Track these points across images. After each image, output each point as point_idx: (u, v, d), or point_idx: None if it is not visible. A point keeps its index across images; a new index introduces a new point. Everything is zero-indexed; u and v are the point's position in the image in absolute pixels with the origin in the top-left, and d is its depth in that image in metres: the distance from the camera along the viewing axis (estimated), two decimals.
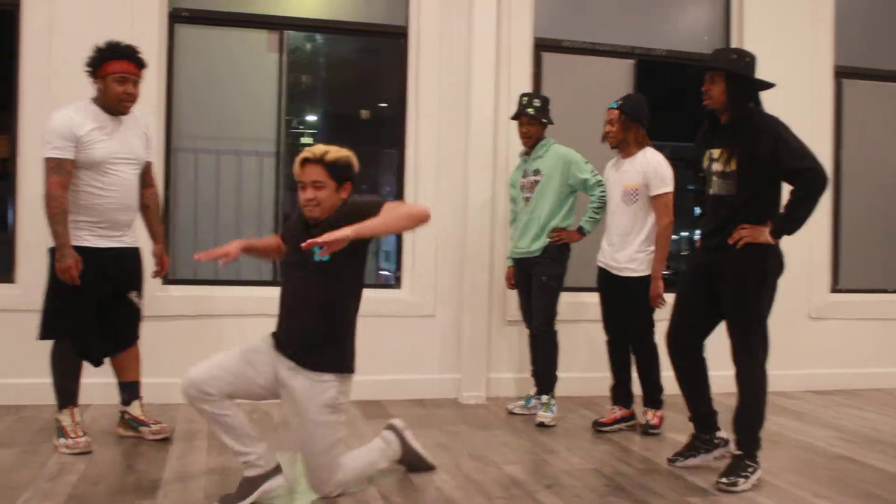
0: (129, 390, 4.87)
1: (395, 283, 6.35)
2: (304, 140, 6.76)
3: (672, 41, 6.82)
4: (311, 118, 6.73)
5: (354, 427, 5.25)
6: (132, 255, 4.74)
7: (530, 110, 5.58)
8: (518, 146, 5.81)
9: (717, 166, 4.27)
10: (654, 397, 5.25)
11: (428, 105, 6.20)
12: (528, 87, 6.28)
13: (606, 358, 5.36)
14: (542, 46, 6.48)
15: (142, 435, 4.81)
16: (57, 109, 4.56)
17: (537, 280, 5.50)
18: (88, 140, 4.45)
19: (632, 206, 5.11)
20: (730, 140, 4.19)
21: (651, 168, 5.07)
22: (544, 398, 5.47)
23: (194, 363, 5.61)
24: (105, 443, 4.69)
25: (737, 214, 4.17)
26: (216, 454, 4.51)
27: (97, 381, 5.12)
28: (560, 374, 5.56)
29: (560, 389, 5.65)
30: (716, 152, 4.28)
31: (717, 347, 4.40)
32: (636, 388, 5.33)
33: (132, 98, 4.57)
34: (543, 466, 4.47)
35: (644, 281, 5.08)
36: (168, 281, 5.94)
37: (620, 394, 5.34)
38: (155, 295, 5.75)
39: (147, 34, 5.72)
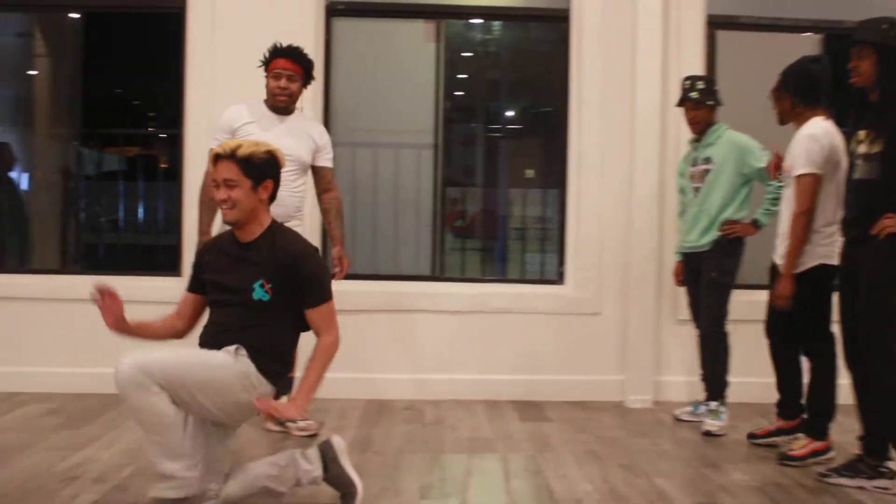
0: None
1: (557, 278, 6.05)
2: (462, 131, 6.55)
3: (863, 12, 6.10)
4: (470, 109, 6.53)
5: (506, 429, 5.01)
6: None
7: (694, 94, 5.15)
8: (689, 132, 5.38)
9: (861, 148, 3.74)
10: (813, 423, 4.45)
11: (591, 92, 5.86)
12: (699, 70, 5.80)
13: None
14: (716, 24, 5.97)
15: (288, 430, 4.77)
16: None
17: (706, 276, 5.06)
18: (242, 134, 4.58)
19: (788, 189, 4.54)
20: (876, 119, 3.66)
21: (795, 144, 4.45)
22: (713, 405, 5.03)
23: (349, 357, 5.67)
24: (248, 438, 4.69)
25: (880, 201, 3.63)
26: (357, 454, 4.40)
27: None
28: (733, 378, 5.09)
29: (734, 395, 5.16)
30: (861, 133, 3.76)
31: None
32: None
33: (285, 92, 4.71)
34: (699, 481, 4.07)
35: (802, 278, 4.40)
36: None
37: (782, 403, 4.72)
38: None
39: (304, 29, 5.72)
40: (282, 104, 4.73)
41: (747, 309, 5.16)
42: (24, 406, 5.31)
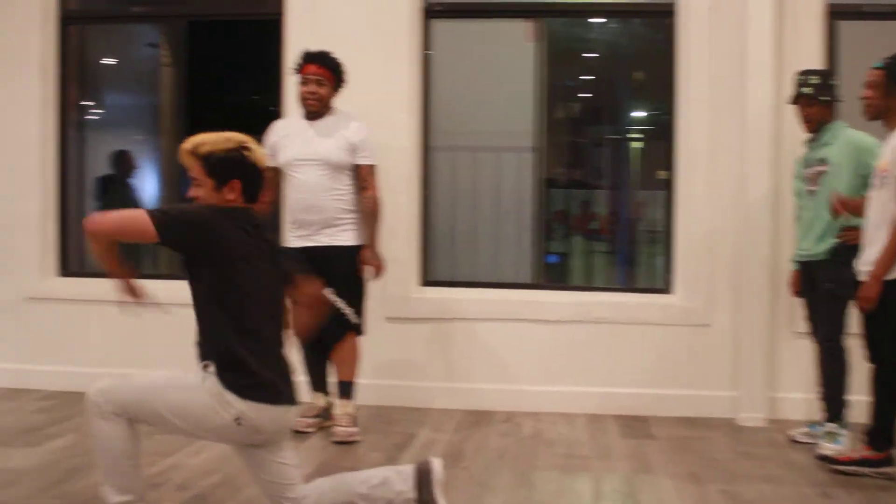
0: (338, 388, 4.87)
1: (664, 287, 5.76)
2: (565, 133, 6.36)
3: None
4: (572, 110, 6.33)
5: (605, 446, 4.78)
6: (326, 253, 4.72)
7: (806, 90, 4.78)
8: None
9: None
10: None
11: (699, 90, 5.54)
12: (817, 63, 5.41)
13: None
14: (837, 13, 5.56)
15: (335, 434, 4.77)
16: None
17: (822, 286, 4.69)
18: (277, 146, 4.76)
19: (880, 191, 4.13)
20: None
21: None
22: (830, 426, 4.65)
23: (447, 366, 5.59)
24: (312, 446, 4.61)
25: None
26: (446, 467, 4.24)
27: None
28: (855, 397, 4.68)
29: (857, 416, 4.74)
30: None
31: None
32: None
33: (314, 97, 4.77)
34: None
35: (891, 286, 4.03)
36: (425, 283, 5.80)
37: (871, 431, 4.29)
38: (411, 297, 5.66)
39: (401, 31, 5.66)
40: (312, 108, 4.78)
41: None
42: None
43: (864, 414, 4.39)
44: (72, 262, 6.17)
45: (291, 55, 5.66)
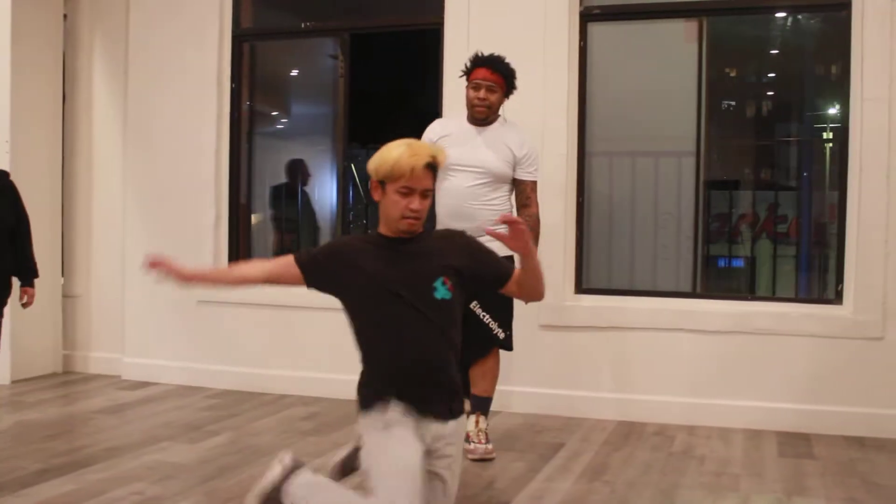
0: (473, 403, 4.63)
1: (834, 297, 5.42)
2: (727, 135, 6.10)
3: None
4: (735, 109, 6.06)
5: (760, 464, 4.57)
6: None
7: None
8: None
9: None
10: None
11: (876, 87, 5.17)
12: None
13: None
14: None
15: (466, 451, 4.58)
16: None
17: None
18: None
19: None
20: None
21: None
22: None
23: (600, 376, 5.50)
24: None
25: None
26: (585, 482, 4.21)
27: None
28: None
29: None
30: None
31: None
32: None
33: (483, 103, 4.58)
34: None
35: None
36: (580, 291, 5.74)
37: None
38: (565, 304, 5.62)
39: (559, 36, 5.63)
40: (480, 115, 4.61)
41: None
42: (289, 409, 5.67)
43: None
44: None
45: (450, 62, 5.76)
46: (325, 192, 7.49)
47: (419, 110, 6.79)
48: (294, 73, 7.92)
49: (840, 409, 5.19)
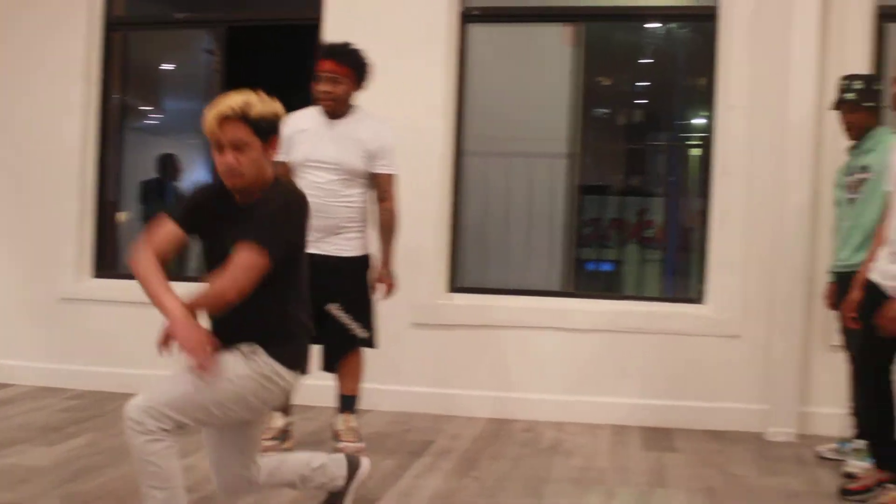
0: (341, 402, 4.62)
1: (697, 297, 5.63)
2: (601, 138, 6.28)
3: None
4: (610, 115, 6.25)
5: (624, 458, 4.70)
6: (332, 264, 4.41)
7: (850, 96, 4.61)
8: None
9: None
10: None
11: (739, 96, 5.41)
12: (865, 68, 5.22)
13: None
14: (888, 16, 5.36)
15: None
16: None
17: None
18: (296, 141, 4.40)
19: None
20: None
21: None
22: (860, 443, 4.49)
23: (471, 374, 5.56)
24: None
25: None
26: (456, 479, 4.23)
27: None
28: None
29: None
30: None
31: None
32: None
33: (328, 96, 4.41)
34: None
35: None
36: (453, 289, 5.79)
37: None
38: (438, 303, 5.65)
39: (439, 35, 5.66)
40: (327, 108, 4.43)
41: None
42: None
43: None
44: (106, 263, 6.32)
45: None
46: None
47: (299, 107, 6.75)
48: (168, 66, 7.73)
49: (701, 404, 5.41)
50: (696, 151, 6.26)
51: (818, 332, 5.26)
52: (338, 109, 4.47)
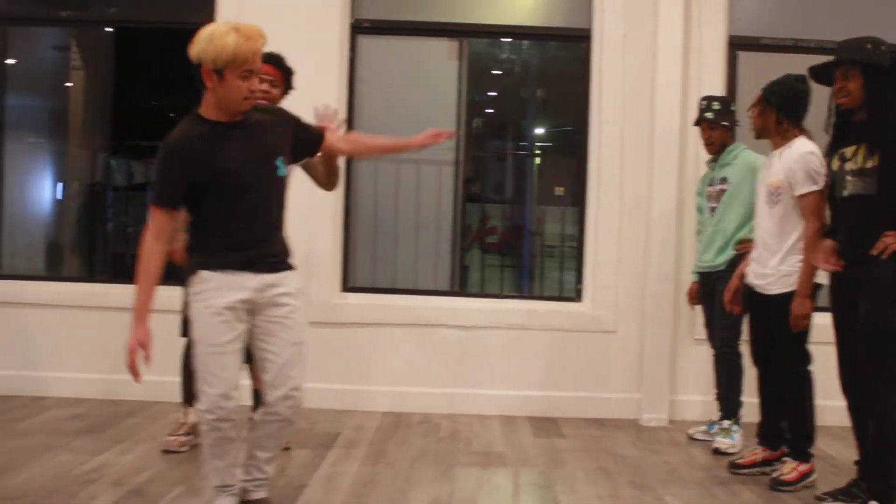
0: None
1: (575, 296, 6.09)
2: (484, 148, 6.64)
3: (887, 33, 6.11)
4: (492, 126, 6.63)
5: (519, 444, 5.06)
6: None
7: (709, 114, 5.18)
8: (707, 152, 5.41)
9: (850, 165, 3.78)
10: (797, 446, 4.39)
11: (611, 111, 5.90)
12: (721, 90, 5.83)
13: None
14: (738, 45, 6.00)
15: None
16: None
17: (721, 296, 5.06)
18: None
19: (773, 207, 4.42)
20: (869, 135, 3.70)
21: (793, 161, 4.30)
22: (725, 423, 5.04)
23: (367, 370, 5.79)
24: None
25: (879, 217, 3.69)
26: (369, 465, 4.47)
27: None
28: (748, 399, 5.08)
29: (750, 416, 5.13)
30: (849, 151, 3.81)
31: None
32: None
33: (267, 96, 4.54)
34: (708, 500, 4.08)
35: (788, 298, 4.29)
36: (347, 289, 6.00)
37: (766, 433, 4.63)
38: (333, 302, 5.84)
39: (329, 46, 5.86)
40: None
41: None
42: (49, 410, 5.43)
43: (755, 414, 4.81)
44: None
45: None
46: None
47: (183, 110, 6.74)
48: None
49: (581, 394, 5.85)
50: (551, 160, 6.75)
51: (684, 326, 5.81)
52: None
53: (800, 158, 4.28)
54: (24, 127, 6.82)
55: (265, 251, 3.31)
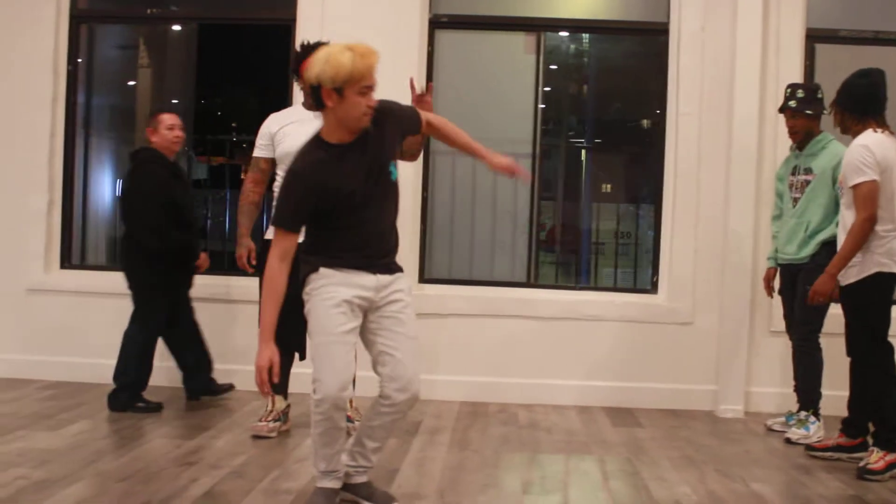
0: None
1: (651, 287, 6.13)
2: (559, 142, 6.69)
3: None
4: (568, 120, 6.68)
5: (599, 433, 5.12)
6: None
7: (792, 102, 5.17)
8: (787, 142, 5.40)
9: None
10: (883, 435, 4.38)
11: (689, 103, 5.92)
12: (798, 80, 5.82)
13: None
14: (816, 37, 5.99)
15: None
16: None
17: (802, 289, 5.04)
18: (283, 133, 4.68)
19: (843, 200, 4.54)
20: None
21: (847, 154, 4.48)
22: (803, 414, 5.05)
23: (444, 360, 5.88)
24: None
25: None
26: (456, 452, 4.56)
27: None
28: (828, 391, 5.10)
29: (829, 408, 5.14)
30: None
31: None
32: None
33: None
34: (796, 487, 4.13)
35: (862, 286, 4.37)
36: (424, 280, 6.10)
37: (848, 420, 4.65)
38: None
39: (409, 41, 5.94)
40: (309, 107, 4.60)
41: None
42: None
43: (834, 406, 4.90)
44: (73, 255, 6.37)
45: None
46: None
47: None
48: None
49: (657, 385, 5.89)
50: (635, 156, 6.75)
51: (761, 318, 5.82)
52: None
53: (850, 151, 4.39)
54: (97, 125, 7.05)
55: (382, 253, 3.44)
